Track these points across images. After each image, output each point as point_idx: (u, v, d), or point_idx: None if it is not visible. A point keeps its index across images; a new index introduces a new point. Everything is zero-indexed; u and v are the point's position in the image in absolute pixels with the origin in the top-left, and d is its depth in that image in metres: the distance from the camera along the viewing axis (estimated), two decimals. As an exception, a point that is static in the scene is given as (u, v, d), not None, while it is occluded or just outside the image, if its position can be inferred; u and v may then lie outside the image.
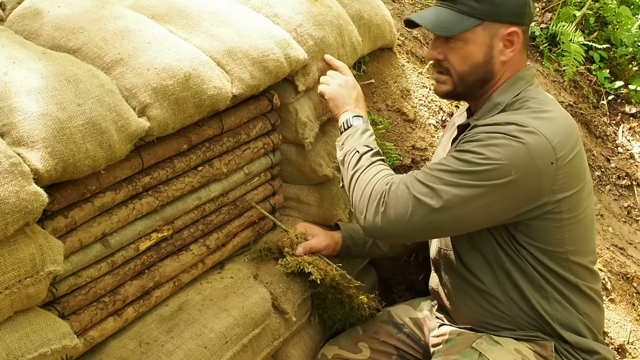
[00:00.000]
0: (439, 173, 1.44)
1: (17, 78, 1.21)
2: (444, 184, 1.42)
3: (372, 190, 1.51)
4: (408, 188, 1.45)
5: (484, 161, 1.41)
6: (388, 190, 1.48)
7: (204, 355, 1.48)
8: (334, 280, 1.74)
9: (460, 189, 1.41)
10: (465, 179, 1.41)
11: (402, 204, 1.45)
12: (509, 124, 1.44)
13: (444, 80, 1.61)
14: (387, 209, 1.47)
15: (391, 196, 1.47)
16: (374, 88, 2.42)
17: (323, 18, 1.91)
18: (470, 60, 1.55)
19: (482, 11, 1.51)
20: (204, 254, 1.70)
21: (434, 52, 1.60)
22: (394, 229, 1.48)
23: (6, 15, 1.57)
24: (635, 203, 2.81)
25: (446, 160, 1.47)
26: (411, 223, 1.45)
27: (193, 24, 1.64)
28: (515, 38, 1.54)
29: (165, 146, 1.52)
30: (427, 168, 1.49)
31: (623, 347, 2.17)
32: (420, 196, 1.43)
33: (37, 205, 1.10)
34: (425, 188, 1.44)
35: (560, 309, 1.55)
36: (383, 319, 1.89)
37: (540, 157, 1.41)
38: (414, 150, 2.34)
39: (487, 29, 1.52)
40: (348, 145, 1.65)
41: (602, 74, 3.22)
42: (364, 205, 1.51)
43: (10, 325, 1.15)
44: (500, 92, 1.57)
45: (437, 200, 1.42)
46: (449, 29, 1.53)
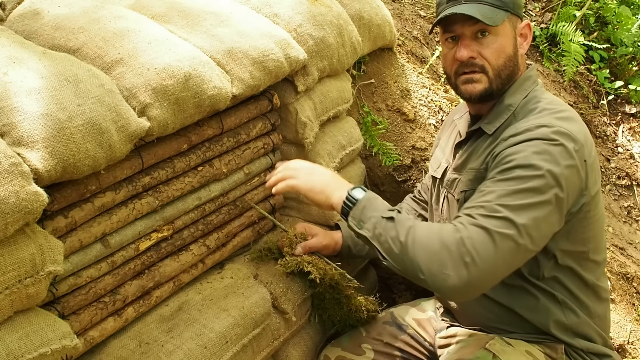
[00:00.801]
0: (499, 200, 1.34)
1: (17, 78, 1.21)
2: (513, 209, 1.32)
3: (445, 246, 1.31)
4: (482, 227, 1.31)
5: (537, 172, 1.35)
6: (461, 238, 1.31)
7: (204, 355, 1.48)
8: (333, 279, 1.74)
9: (531, 210, 1.33)
10: (530, 197, 1.34)
11: (486, 246, 1.30)
12: (539, 127, 1.41)
13: (479, 78, 1.54)
14: (473, 258, 1.29)
15: (470, 242, 1.30)
16: (374, 88, 2.42)
17: (323, 18, 1.91)
18: (504, 54, 1.53)
19: (508, 3, 1.51)
20: (204, 254, 1.70)
21: (466, 51, 1.52)
22: (485, 277, 1.31)
23: (6, 15, 1.57)
24: (635, 203, 2.80)
25: (496, 186, 1.37)
26: (500, 262, 1.31)
27: (193, 24, 1.64)
28: (528, 31, 1.57)
29: (165, 146, 1.52)
30: (480, 202, 1.37)
31: (623, 347, 2.17)
32: (500, 230, 1.31)
33: (37, 205, 1.10)
34: (498, 220, 1.32)
35: (574, 317, 1.54)
36: (386, 320, 1.87)
37: (577, 156, 1.40)
38: (414, 150, 2.34)
39: (511, 21, 1.53)
40: (370, 218, 1.43)
41: (602, 74, 3.22)
42: (442, 264, 1.30)
43: (10, 325, 1.15)
44: (510, 94, 1.56)
45: (516, 229, 1.31)
46: (494, 19, 1.48)
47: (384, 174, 2.35)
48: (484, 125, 1.57)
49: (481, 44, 1.52)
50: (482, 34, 1.51)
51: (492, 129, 1.55)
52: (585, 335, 1.56)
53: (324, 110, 1.98)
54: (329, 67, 1.95)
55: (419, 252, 1.33)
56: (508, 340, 1.54)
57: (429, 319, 1.85)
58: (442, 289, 1.32)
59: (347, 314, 1.82)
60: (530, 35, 1.58)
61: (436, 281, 1.31)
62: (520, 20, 1.57)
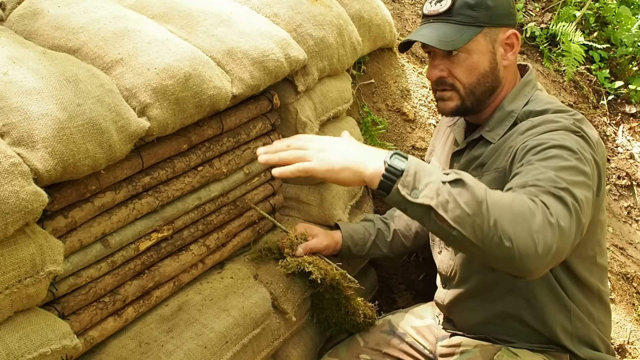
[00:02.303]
0: (554, 173, 1.23)
1: (17, 78, 1.21)
2: (569, 183, 1.22)
3: (529, 208, 1.16)
4: (553, 194, 1.19)
5: (575, 155, 1.28)
6: (542, 202, 1.18)
7: (204, 355, 1.48)
8: (334, 280, 1.74)
9: (580, 188, 1.24)
10: (576, 175, 1.25)
11: (563, 211, 1.18)
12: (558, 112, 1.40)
13: (450, 96, 1.54)
14: (557, 221, 1.16)
15: (550, 206, 1.17)
16: (374, 88, 2.42)
17: (323, 18, 1.91)
18: (477, 71, 1.50)
19: (481, 18, 1.47)
20: (204, 254, 1.70)
21: (435, 70, 1.53)
22: (565, 245, 1.18)
23: (6, 15, 1.57)
24: (635, 203, 2.80)
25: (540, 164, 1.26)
26: (573, 232, 1.19)
27: (193, 24, 1.64)
28: (515, 40, 1.52)
29: (165, 146, 1.52)
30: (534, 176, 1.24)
31: (623, 347, 2.17)
32: (568, 198, 1.20)
33: (37, 205, 1.10)
34: (562, 191, 1.20)
35: (580, 325, 1.53)
36: (384, 329, 1.85)
37: (594, 152, 1.36)
38: (414, 150, 2.34)
39: (488, 35, 1.49)
40: (428, 184, 1.18)
41: (602, 74, 3.22)
42: (531, 227, 1.14)
43: (10, 325, 1.15)
44: (510, 100, 1.53)
45: (577, 203, 1.21)
46: (454, 43, 1.46)
47: (384, 174, 2.35)
48: (486, 134, 1.54)
49: (452, 62, 1.50)
50: (452, 52, 1.49)
51: (496, 137, 1.52)
52: (590, 343, 1.55)
53: (324, 110, 1.98)
54: (329, 67, 1.95)
55: (504, 216, 1.14)
56: (514, 351, 1.52)
57: (428, 326, 1.82)
58: (531, 257, 1.13)
59: (343, 316, 1.81)
60: (517, 44, 1.53)
61: (527, 247, 1.13)
62: (505, 30, 1.51)
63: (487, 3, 1.48)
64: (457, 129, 1.70)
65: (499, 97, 1.55)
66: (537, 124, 1.40)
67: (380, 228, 1.94)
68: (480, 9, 1.47)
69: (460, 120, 1.70)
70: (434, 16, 1.51)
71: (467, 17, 1.47)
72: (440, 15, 1.49)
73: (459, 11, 1.47)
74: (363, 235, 1.91)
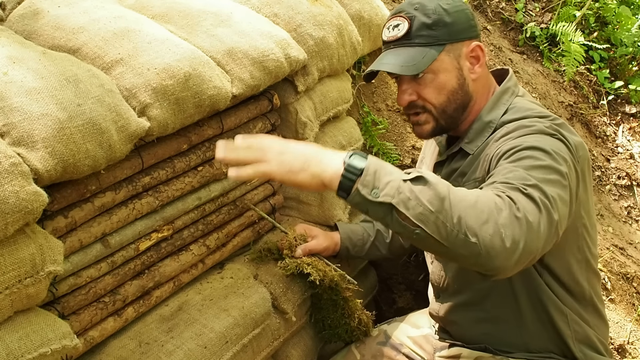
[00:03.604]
0: (525, 172, 1.22)
1: (17, 78, 1.21)
2: (540, 181, 1.20)
3: (495, 203, 1.13)
4: (521, 191, 1.17)
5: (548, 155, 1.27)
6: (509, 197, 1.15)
7: (204, 355, 1.48)
8: (333, 281, 1.74)
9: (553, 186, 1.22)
10: (549, 174, 1.24)
11: (531, 207, 1.15)
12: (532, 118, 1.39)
13: (424, 119, 1.53)
14: (525, 215, 1.13)
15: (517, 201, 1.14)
16: (374, 88, 2.42)
17: (323, 18, 1.91)
18: (445, 89, 1.49)
19: (440, 36, 1.46)
20: (204, 254, 1.70)
21: (404, 96, 1.51)
22: (535, 242, 1.15)
23: (6, 15, 1.57)
24: (635, 203, 2.81)
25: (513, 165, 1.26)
26: (542, 230, 1.16)
27: (193, 24, 1.64)
28: (479, 52, 1.50)
29: (165, 146, 1.52)
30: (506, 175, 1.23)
31: (623, 347, 2.17)
32: (538, 195, 1.17)
33: (37, 205, 1.10)
34: (532, 188, 1.18)
35: (578, 328, 1.52)
36: (380, 340, 1.83)
37: (573, 151, 1.35)
38: (414, 150, 2.34)
39: (451, 52, 1.48)
40: (388, 183, 1.13)
41: (602, 74, 3.22)
42: (497, 221, 1.10)
43: (10, 325, 1.15)
44: (488, 110, 1.52)
45: (548, 200, 1.18)
46: (417, 66, 1.45)
47: (384, 174, 2.35)
48: (465, 145, 1.53)
49: (419, 84, 1.49)
50: (416, 76, 1.47)
51: (474, 148, 1.51)
52: (589, 344, 1.54)
53: (324, 110, 1.98)
54: (329, 67, 1.95)
55: (469, 212, 1.10)
56: None
57: (425, 336, 1.80)
58: (498, 252, 1.10)
59: (339, 318, 1.80)
60: (482, 56, 1.50)
61: (493, 243, 1.09)
62: (468, 43, 1.49)
63: (444, 20, 1.46)
64: (440, 139, 1.70)
65: (473, 110, 1.54)
66: (512, 130, 1.40)
67: (379, 229, 1.94)
68: (439, 27, 1.45)
69: None
70: (393, 42, 1.51)
71: (426, 38, 1.45)
72: (400, 40, 1.49)
73: (417, 33, 1.46)
74: (362, 236, 1.91)
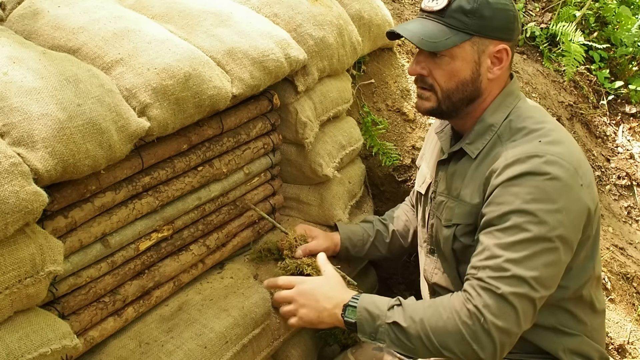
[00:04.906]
0: (504, 255, 1.33)
1: (17, 78, 1.21)
2: (519, 264, 1.32)
3: (464, 323, 1.34)
4: (494, 292, 1.32)
5: (535, 219, 1.32)
6: (475, 307, 1.33)
7: (204, 355, 1.48)
8: None
9: (537, 258, 1.32)
10: (533, 246, 1.32)
11: (504, 310, 1.32)
12: (530, 158, 1.37)
13: (427, 96, 1.52)
14: (495, 324, 1.31)
15: (487, 310, 1.32)
16: (374, 88, 2.42)
17: (323, 18, 1.91)
18: (456, 77, 1.47)
19: (472, 26, 1.43)
20: (204, 254, 1.70)
21: (417, 67, 1.50)
22: (512, 336, 1.34)
23: (6, 15, 1.57)
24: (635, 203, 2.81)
25: (496, 239, 1.35)
26: (521, 319, 1.33)
27: (193, 24, 1.64)
28: (504, 55, 1.47)
29: (165, 146, 1.52)
30: (485, 262, 1.35)
31: (623, 347, 2.17)
32: (513, 290, 1.31)
33: (37, 205, 1.10)
34: (508, 280, 1.31)
35: (571, 339, 1.51)
36: (375, 345, 1.78)
37: (573, 182, 1.36)
38: (414, 150, 2.34)
39: (476, 45, 1.45)
40: (378, 328, 1.45)
41: (602, 74, 3.22)
42: (469, 342, 1.34)
43: (10, 325, 1.15)
44: (491, 112, 1.51)
45: (527, 285, 1.31)
46: (437, 44, 1.43)
47: (384, 174, 2.35)
48: (466, 146, 1.53)
49: (435, 63, 1.47)
50: (437, 53, 1.45)
51: (475, 151, 1.50)
52: (583, 354, 1.53)
53: (324, 110, 1.98)
54: (329, 67, 1.95)
55: (445, 339, 1.36)
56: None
57: None
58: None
59: None
60: (506, 60, 1.48)
61: (468, 355, 1.35)
62: (496, 43, 1.46)
63: (482, 12, 1.43)
64: (443, 137, 1.67)
65: (479, 108, 1.52)
66: (509, 164, 1.38)
67: (379, 229, 1.94)
68: (474, 17, 1.42)
69: (447, 128, 1.67)
70: (427, 12, 1.48)
71: (458, 22, 1.43)
72: (434, 13, 1.46)
73: (452, 14, 1.43)
74: (362, 236, 1.91)
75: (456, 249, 1.54)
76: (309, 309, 1.56)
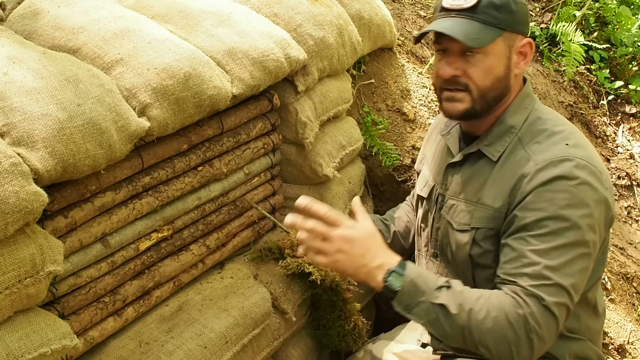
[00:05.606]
0: (543, 261, 1.32)
1: (17, 78, 1.21)
2: (558, 271, 1.31)
3: (511, 326, 1.31)
4: (540, 301, 1.31)
5: (569, 224, 1.32)
6: (524, 315, 1.31)
7: (204, 355, 1.48)
8: (334, 281, 1.74)
9: (574, 265, 1.33)
10: (570, 253, 1.32)
11: (548, 321, 1.31)
12: (561, 162, 1.36)
13: (460, 98, 1.45)
14: (538, 334, 1.31)
15: (533, 319, 1.31)
16: (374, 88, 2.42)
17: (323, 18, 1.91)
18: (492, 74, 1.43)
19: (503, 21, 1.41)
20: (204, 254, 1.70)
21: (449, 68, 1.44)
22: (547, 345, 1.35)
23: (6, 15, 1.57)
24: (635, 203, 2.80)
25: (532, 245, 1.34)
26: (559, 328, 1.34)
27: (193, 24, 1.64)
28: (529, 49, 1.47)
29: (165, 146, 1.52)
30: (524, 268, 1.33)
31: (623, 347, 2.17)
32: (555, 299, 1.31)
33: (37, 205, 1.10)
34: (550, 288, 1.31)
35: (576, 344, 1.51)
36: (372, 355, 1.79)
37: (601, 187, 1.37)
38: (414, 150, 2.34)
39: (507, 40, 1.43)
40: (419, 304, 1.36)
41: (602, 74, 3.22)
42: (510, 344, 1.31)
43: (10, 325, 1.15)
44: (511, 113, 1.48)
45: (567, 294, 1.32)
46: (480, 40, 1.39)
47: (384, 174, 2.35)
48: (485, 148, 1.49)
49: (468, 62, 1.42)
50: (470, 51, 1.41)
51: (496, 153, 1.47)
52: (583, 357, 1.52)
53: (324, 110, 1.98)
54: (329, 67, 1.95)
55: (486, 336, 1.32)
56: None
57: (412, 351, 1.75)
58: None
59: (335, 320, 1.80)
60: (530, 54, 1.48)
61: (503, 355, 1.32)
62: (521, 38, 1.46)
63: (510, 7, 1.41)
64: (451, 139, 1.63)
65: (502, 107, 1.49)
66: (541, 168, 1.37)
67: (380, 229, 1.93)
68: (504, 11, 1.41)
69: (455, 129, 1.63)
70: (456, 11, 1.42)
71: (490, 17, 1.40)
72: (465, 11, 1.41)
73: (484, 10, 1.40)
74: None
75: (474, 255, 1.49)
76: (348, 258, 1.38)
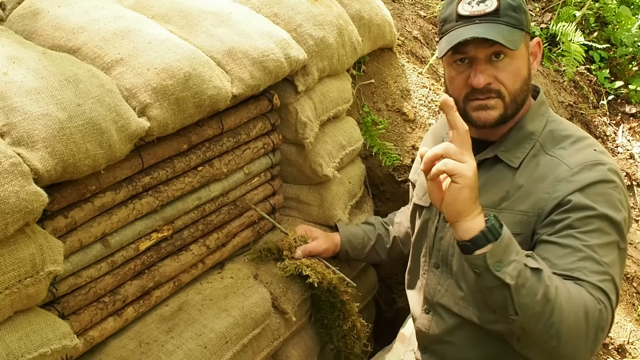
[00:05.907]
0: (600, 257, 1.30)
1: (17, 78, 1.21)
2: (612, 268, 1.31)
3: (588, 319, 1.25)
4: (608, 299, 1.29)
5: (613, 225, 1.33)
6: (600, 311, 1.27)
7: (204, 355, 1.48)
8: (332, 284, 1.74)
9: (619, 265, 1.34)
10: (615, 251, 1.33)
11: (610, 316, 1.30)
12: (596, 165, 1.36)
13: (493, 104, 1.39)
14: (603, 329, 1.28)
15: (603, 315, 1.28)
16: (374, 88, 2.42)
17: (323, 18, 1.91)
18: (520, 77, 1.40)
19: (521, 21, 1.38)
20: (204, 254, 1.70)
21: (482, 76, 1.38)
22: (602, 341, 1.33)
23: (6, 15, 1.57)
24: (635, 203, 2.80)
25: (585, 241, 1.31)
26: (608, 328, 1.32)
27: (193, 24, 1.64)
28: (538, 49, 1.46)
29: (165, 146, 1.52)
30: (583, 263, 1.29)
31: (623, 347, 2.17)
32: (613, 296, 1.30)
33: (37, 205, 1.10)
34: (611, 284, 1.30)
35: None
36: None
37: (625, 191, 1.40)
38: (414, 150, 2.34)
39: (525, 40, 1.41)
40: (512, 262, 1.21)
41: (602, 74, 3.22)
42: (581, 335, 1.25)
43: (10, 325, 1.15)
44: (530, 119, 1.45)
45: (617, 292, 1.32)
46: (514, 42, 1.35)
47: (384, 174, 2.35)
48: (502, 154, 1.45)
49: (496, 68, 1.38)
50: (496, 56, 1.37)
51: (515, 160, 1.44)
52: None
53: (324, 110, 1.98)
54: (329, 67, 1.95)
55: (565, 319, 1.22)
56: None
57: None
58: (567, 357, 1.27)
59: (334, 320, 1.81)
60: (540, 53, 1.46)
61: (567, 348, 1.25)
62: (531, 37, 1.45)
63: (523, 7, 1.40)
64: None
65: (522, 111, 1.46)
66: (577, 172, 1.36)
67: (380, 233, 1.93)
68: (521, 12, 1.39)
69: None
70: (479, 17, 1.37)
71: (512, 19, 1.37)
72: (488, 15, 1.37)
73: (505, 12, 1.37)
74: (362, 239, 1.91)
75: None
76: (470, 191, 1.22)
